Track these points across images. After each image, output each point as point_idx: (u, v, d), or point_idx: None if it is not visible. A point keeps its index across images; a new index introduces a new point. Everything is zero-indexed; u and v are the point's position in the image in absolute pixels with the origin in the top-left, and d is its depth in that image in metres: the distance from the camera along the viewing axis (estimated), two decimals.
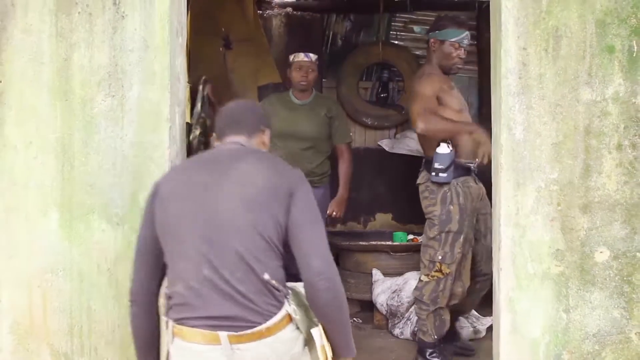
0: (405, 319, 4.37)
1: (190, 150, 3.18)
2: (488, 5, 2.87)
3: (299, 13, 6.18)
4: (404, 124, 6.03)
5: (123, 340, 2.67)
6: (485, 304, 4.57)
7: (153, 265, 2.17)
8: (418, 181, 3.88)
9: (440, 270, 3.73)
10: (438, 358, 3.83)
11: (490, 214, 3.83)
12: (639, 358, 2.58)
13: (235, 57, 4.92)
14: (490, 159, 2.94)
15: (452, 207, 3.72)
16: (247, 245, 2.05)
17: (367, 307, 4.78)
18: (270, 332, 2.05)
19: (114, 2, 2.64)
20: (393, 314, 4.49)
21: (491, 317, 4.22)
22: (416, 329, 3.98)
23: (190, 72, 4.71)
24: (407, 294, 4.34)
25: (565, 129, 2.58)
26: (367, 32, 6.57)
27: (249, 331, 2.02)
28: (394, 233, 5.05)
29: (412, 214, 4.51)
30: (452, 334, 4.06)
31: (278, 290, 2.08)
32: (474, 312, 4.49)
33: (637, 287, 2.58)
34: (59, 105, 2.68)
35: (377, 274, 4.72)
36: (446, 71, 3.85)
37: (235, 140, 2.26)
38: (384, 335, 4.50)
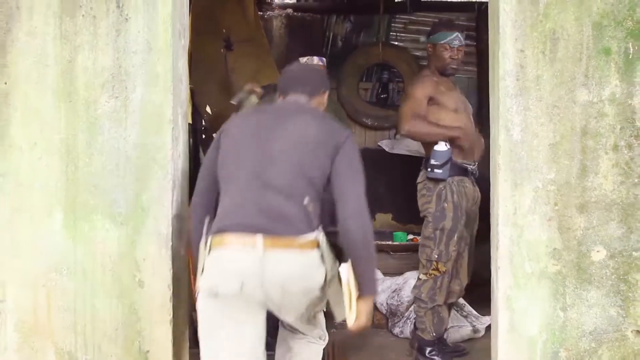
0: (405, 318, 4.38)
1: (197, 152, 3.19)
2: (487, 7, 2.88)
3: (299, 14, 6.20)
4: None
5: (126, 339, 2.70)
6: (485, 304, 4.60)
7: (212, 183, 2.47)
8: (418, 180, 3.91)
9: (437, 269, 3.77)
10: (438, 356, 3.85)
11: (477, 228, 3.89)
12: (635, 356, 2.59)
13: (236, 58, 4.95)
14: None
15: (446, 205, 3.75)
16: (291, 181, 2.35)
17: None
18: (299, 246, 2.31)
19: (118, 5, 2.66)
20: (393, 313, 4.49)
21: (490, 317, 4.24)
22: (415, 327, 3.99)
23: (191, 73, 4.75)
24: (406, 293, 4.35)
25: (562, 129, 2.60)
26: (367, 33, 6.57)
27: (282, 237, 2.29)
28: (394, 233, 5.08)
29: (411, 214, 4.52)
30: (440, 343, 4.03)
31: (312, 218, 2.35)
32: (472, 311, 4.49)
33: (633, 286, 2.59)
34: (63, 106, 2.70)
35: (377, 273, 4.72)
36: (442, 73, 3.89)
37: (296, 98, 2.56)
38: (384, 334, 4.49)
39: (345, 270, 2.37)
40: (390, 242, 4.93)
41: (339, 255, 2.47)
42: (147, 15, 2.65)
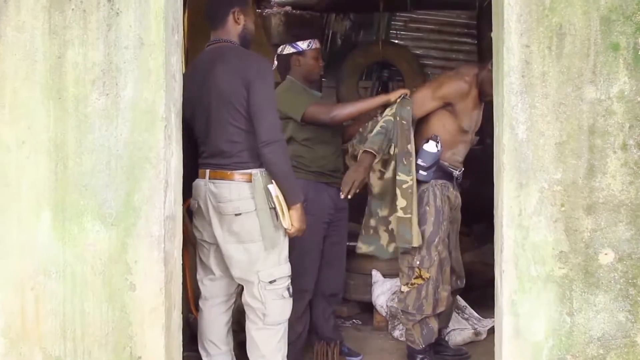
0: None
1: None
2: (488, 5, 2.86)
3: (298, 12, 6.18)
4: None
5: (117, 344, 2.65)
6: (486, 305, 4.56)
7: (190, 137, 3.06)
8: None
9: (420, 277, 3.67)
10: None
11: (457, 233, 3.85)
12: None
13: None
14: None
15: (427, 208, 3.66)
16: (224, 134, 3.00)
17: (366, 308, 4.77)
18: (233, 177, 2.98)
19: None
20: (393, 316, 4.46)
21: (491, 319, 4.24)
22: (405, 339, 3.94)
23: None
24: None
25: (569, 128, 2.55)
26: (367, 31, 6.62)
27: (220, 171, 3.00)
28: None
29: None
30: (441, 347, 4.02)
31: (246, 157, 2.99)
32: (474, 313, 4.49)
33: None
34: (52, 103, 2.65)
35: (376, 275, 4.69)
36: (480, 95, 3.71)
37: (215, 37, 3.14)
38: (384, 337, 4.48)
39: (273, 187, 2.96)
40: None
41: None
42: (139, 9, 2.59)
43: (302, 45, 3.92)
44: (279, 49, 4.01)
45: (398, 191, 3.55)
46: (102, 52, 2.62)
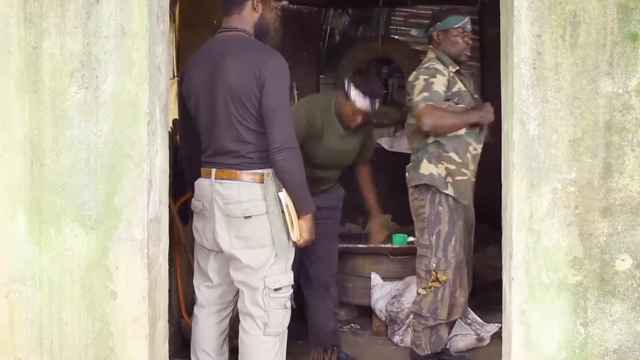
0: (405, 326, 4.30)
1: None
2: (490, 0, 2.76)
3: (295, 7, 6.18)
4: (404, 121, 5.99)
5: (97, 356, 2.57)
6: (489, 310, 4.51)
7: (194, 133, 3.00)
8: (410, 183, 3.76)
9: (437, 279, 3.63)
10: None
11: (471, 233, 3.79)
12: None
13: None
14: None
15: (441, 208, 3.62)
16: (234, 129, 2.82)
17: (365, 312, 4.74)
18: (243, 178, 2.82)
19: None
20: (393, 321, 4.41)
21: (495, 324, 4.20)
22: (409, 342, 3.89)
23: (180, 66, 4.61)
24: (407, 299, 4.27)
25: (584, 124, 2.49)
26: (366, 27, 6.68)
27: (228, 170, 2.85)
28: (394, 235, 4.91)
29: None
30: (444, 354, 3.93)
31: (256, 157, 2.83)
32: (477, 318, 4.45)
33: None
34: (28, 97, 2.56)
35: (375, 278, 4.64)
36: (456, 60, 3.75)
37: (229, 25, 2.94)
38: (383, 342, 4.44)
39: (283, 196, 2.83)
40: (389, 245, 4.76)
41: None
42: None
43: (351, 91, 3.79)
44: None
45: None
46: (80, 42, 2.53)
